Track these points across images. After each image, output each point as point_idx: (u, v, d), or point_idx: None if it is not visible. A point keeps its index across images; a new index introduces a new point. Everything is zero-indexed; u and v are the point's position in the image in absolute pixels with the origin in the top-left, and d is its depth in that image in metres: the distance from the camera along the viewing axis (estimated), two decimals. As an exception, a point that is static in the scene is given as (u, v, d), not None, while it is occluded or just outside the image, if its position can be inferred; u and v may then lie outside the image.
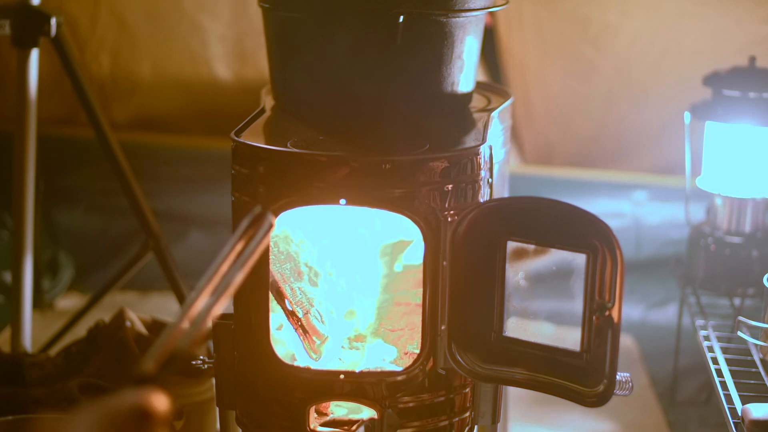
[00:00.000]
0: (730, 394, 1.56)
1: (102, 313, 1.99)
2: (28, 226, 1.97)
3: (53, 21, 1.91)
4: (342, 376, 1.37)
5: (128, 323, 1.81)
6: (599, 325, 1.27)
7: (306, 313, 1.44)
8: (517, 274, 1.36)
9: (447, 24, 1.43)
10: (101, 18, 2.73)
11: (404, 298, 1.49)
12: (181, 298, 2.07)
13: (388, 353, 1.46)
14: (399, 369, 1.39)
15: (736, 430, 1.47)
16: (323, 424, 1.40)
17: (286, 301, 1.44)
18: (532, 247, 1.33)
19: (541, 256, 1.35)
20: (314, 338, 1.44)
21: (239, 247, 1.00)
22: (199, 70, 2.74)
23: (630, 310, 2.50)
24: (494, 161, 1.41)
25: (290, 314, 1.44)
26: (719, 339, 1.79)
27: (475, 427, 1.45)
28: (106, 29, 2.73)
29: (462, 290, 1.34)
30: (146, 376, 0.79)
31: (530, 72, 2.67)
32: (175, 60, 2.75)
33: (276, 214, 1.35)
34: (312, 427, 1.39)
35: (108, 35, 2.73)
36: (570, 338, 1.32)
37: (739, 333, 1.65)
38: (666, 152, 2.62)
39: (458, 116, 1.52)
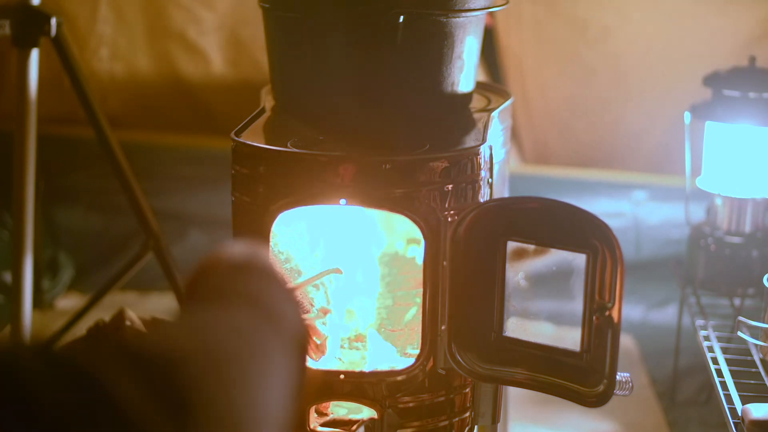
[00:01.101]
0: (730, 394, 1.56)
1: (102, 313, 1.99)
2: (28, 226, 1.97)
3: (53, 21, 1.91)
4: (342, 376, 1.37)
5: (128, 323, 1.81)
6: (599, 325, 1.27)
7: (306, 314, 1.44)
8: (517, 274, 1.36)
9: (447, 24, 1.43)
10: (100, 13, 2.73)
11: (404, 298, 1.49)
12: (181, 298, 2.06)
13: (388, 353, 1.46)
14: (399, 369, 1.39)
15: (736, 430, 1.47)
16: (323, 424, 1.40)
17: (286, 301, 1.43)
18: (532, 247, 1.33)
19: (541, 256, 1.35)
20: (314, 338, 1.44)
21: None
22: (196, 62, 2.75)
23: (630, 311, 2.50)
24: (494, 161, 1.41)
25: (290, 314, 1.44)
26: (719, 339, 1.79)
27: (475, 427, 1.44)
28: (105, 24, 2.73)
29: (462, 290, 1.34)
30: None
31: (529, 73, 2.67)
32: (172, 52, 2.75)
33: (276, 214, 1.35)
34: (312, 427, 1.39)
35: (107, 30, 2.73)
36: (570, 338, 1.32)
37: (739, 333, 1.64)
38: (665, 152, 2.62)
39: (458, 116, 1.52)
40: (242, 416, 0.71)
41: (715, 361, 1.68)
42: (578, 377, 1.31)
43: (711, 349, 1.73)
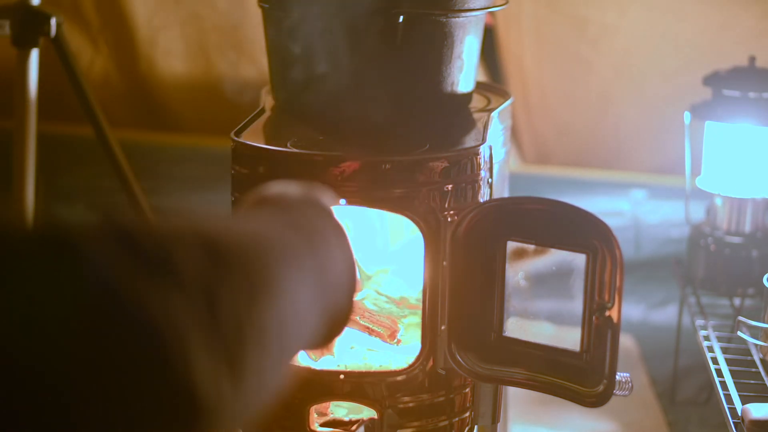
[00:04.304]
0: (730, 394, 1.56)
1: (102, 313, 1.98)
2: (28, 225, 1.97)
3: (53, 21, 1.91)
4: (342, 376, 1.37)
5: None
6: (599, 325, 1.27)
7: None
8: (517, 274, 1.36)
9: (447, 24, 1.43)
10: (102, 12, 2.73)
11: (404, 298, 1.49)
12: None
13: (388, 353, 1.46)
14: (399, 369, 1.39)
15: (736, 430, 1.47)
16: (323, 424, 1.40)
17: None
18: (532, 247, 1.33)
19: (541, 256, 1.35)
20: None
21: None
22: (197, 61, 2.75)
23: (630, 311, 2.50)
24: (494, 161, 1.41)
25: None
26: (719, 339, 1.79)
27: (475, 427, 1.45)
28: (105, 24, 2.73)
29: (462, 290, 1.34)
30: None
31: (529, 72, 2.67)
32: (173, 51, 2.75)
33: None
34: (312, 427, 1.39)
35: (107, 32, 2.73)
36: (570, 338, 1.32)
37: (739, 333, 1.64)
38: (665, 152, 2.62)
39: (458, 116, 1.52)
40: (254, 320, 0.64)
41: (715, 361, 1.68)
42: (578, 377, 1.31)
43: (711, 349, 1.73)
